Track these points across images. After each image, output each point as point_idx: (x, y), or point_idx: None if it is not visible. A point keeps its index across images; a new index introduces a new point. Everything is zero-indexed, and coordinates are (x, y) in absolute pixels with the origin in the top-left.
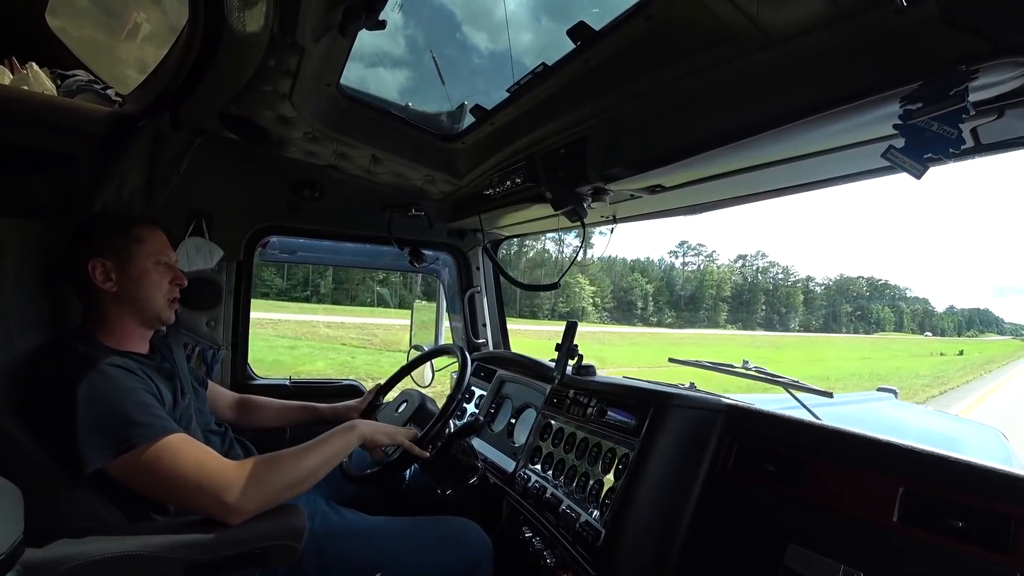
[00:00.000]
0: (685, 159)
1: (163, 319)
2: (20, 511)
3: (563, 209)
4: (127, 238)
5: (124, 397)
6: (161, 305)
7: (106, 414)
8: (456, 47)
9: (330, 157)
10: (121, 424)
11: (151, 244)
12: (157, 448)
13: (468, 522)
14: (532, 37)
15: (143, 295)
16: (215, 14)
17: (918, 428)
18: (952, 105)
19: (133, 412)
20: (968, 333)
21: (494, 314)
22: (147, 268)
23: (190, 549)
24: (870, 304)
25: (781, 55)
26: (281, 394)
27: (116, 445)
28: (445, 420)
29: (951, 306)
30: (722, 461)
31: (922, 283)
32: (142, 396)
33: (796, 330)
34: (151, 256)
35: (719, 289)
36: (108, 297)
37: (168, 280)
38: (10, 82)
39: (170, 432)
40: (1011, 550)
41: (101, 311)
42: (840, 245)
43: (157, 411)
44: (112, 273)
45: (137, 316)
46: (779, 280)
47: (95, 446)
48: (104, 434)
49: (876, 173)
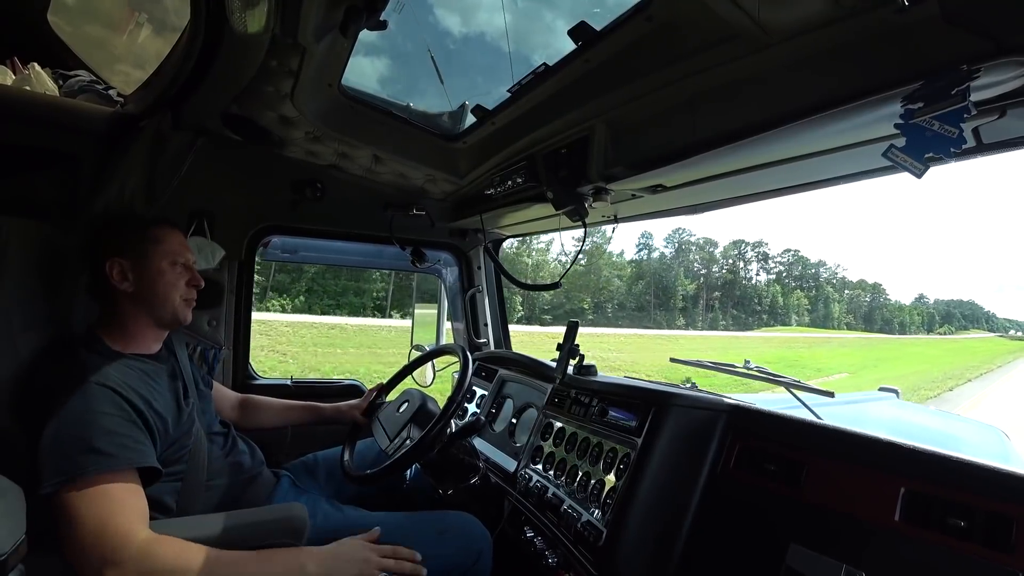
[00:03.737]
0: (686, 159)
1: (179, 319)
2: (23, 511)
3: (564, 209)
4: (145, 238)
5: (91, 421)
6: (177, 305)
7: (69, 436)
8: (457, 47)
9: (331, 157)
10: (78, 450)
11: (168, 245)
12: (96, 480)
13: (468, 516)
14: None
15: (159, 295)
16: (217, 14)
17: (920, 428)
18: (953, 104)
19: (95, 439)
20: (940, 329)
21: (495, 314)
22: (164, 268)
23: None
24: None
25: (782, 55)
26: (283, 394)
27: (68, 470)
28: (446, 420)
29: (920, 295)
30: (723, 461)
31: (896, 272)
32: (110, 423)
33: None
34: (168, 256)
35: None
36: (125, 297)
37: (185, 281)
38: (12, 82)
39: (125, 465)
40: (1013, 550)
41: (117, 311)
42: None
43: (121, 440)
44: (129, 273)
45: (153, 316)
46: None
47: (48, 467)
48: (59, 456)
49: (877, 173)
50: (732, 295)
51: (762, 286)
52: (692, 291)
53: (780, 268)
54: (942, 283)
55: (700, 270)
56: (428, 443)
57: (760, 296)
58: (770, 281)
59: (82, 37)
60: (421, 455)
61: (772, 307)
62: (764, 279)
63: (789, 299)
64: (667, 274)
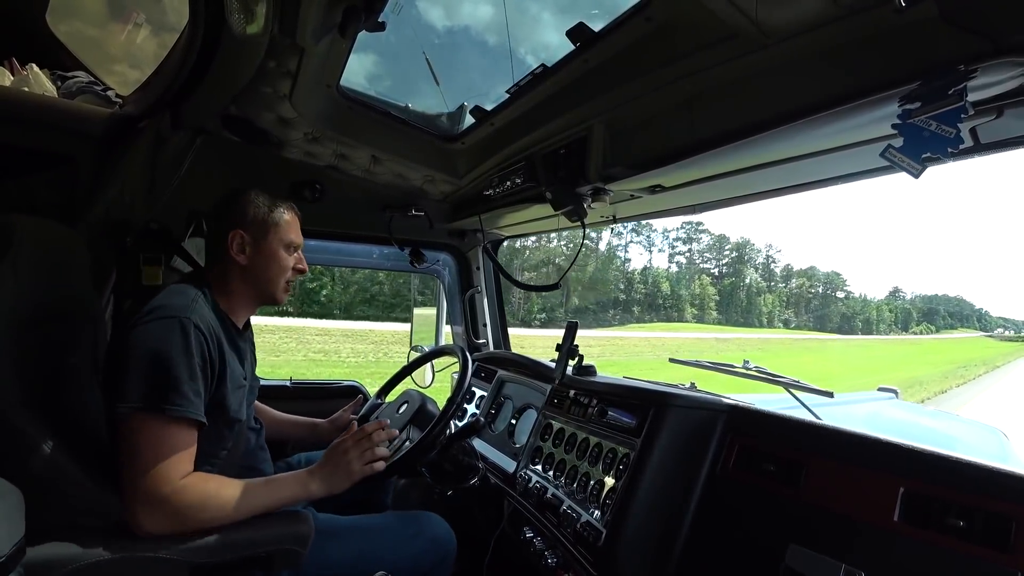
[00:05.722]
0: (685, 159)
1: (277, 299)
2: (22, 513)
3: (563, 209)
4: (269, 218)
5: (187, 363)
6: (280, 287)
7: (164, 368)
8: (456, 48)
9: (330, 158)
10: (171, 387)
11: (288, 229)
12: (167, 420)
13: (436, 517)
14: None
15: (269, 274)
16: (215, 15)
17: (919, 428)
18: (951, 104)
19: (184, 383)
20: (916, 328)
21: (494, 314)
22: (278, 250)
23: (194, 552)
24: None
25: (780, 55)
26: (282, 395)
27: (154, 402)
28: (446, 421)
29: (895, 289)
30: (723, 461)
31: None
32: (198, 370)
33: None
34: (285, 240)
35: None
36: (237, 268)
37: (292, 265)
38: (10, 83)
39: (195, 416)
40: (1012, 550)
41: (226, 278)
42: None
43: (198, 388)
44: (247, 247)
45: (257, 291)
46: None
47: (136, 392)
48: (151, 386)
49: (875, 173)
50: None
51: (657, 273)
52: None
53: (680, 248)
54: (925, 278)
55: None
56: (428, 444)
57: (631, 283)
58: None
59: (80, 38)
60: (421, 456)
61: (653, 297)
62: (661, 265)
63: (693, 288)
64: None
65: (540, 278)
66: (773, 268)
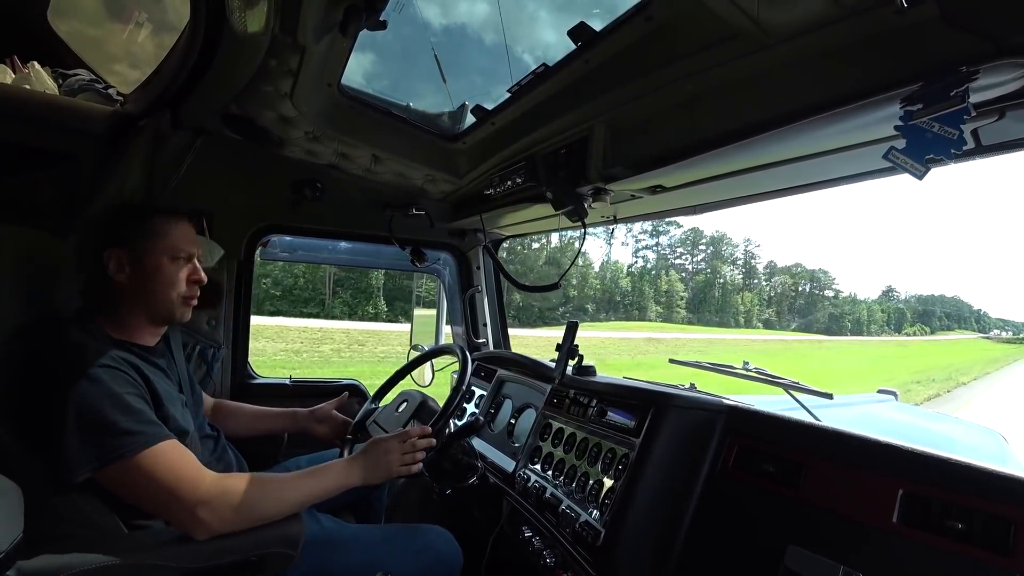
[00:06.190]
0: (686, 159)
1: (175, 317)
2: (20, 510)
3: (564, 209)
4: (145, 230)
5: (114, 403)
6: (173, 303)
7: (96, 422)
8: (457, 48)
9: (331, 157)
10: (110, 433)
11: (170, 238)
12: (143, 457)
13: (443, 531)
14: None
15: (155, 291)
16: (216, 14)
17: (918, 430)
18: (953, 106)
19: (123, 420)
20: (910, 329)
21: (495, 314)
22: (162, 263)
23: (186, 557)
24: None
25: (782, 55)
26: (281, 393)
27: (103, 456)
28: (445, 420)
29: (888, 288)
30: (722, 462)
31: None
32: (132, 401)
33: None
34: (168, 251)
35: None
36: (119, 289)
37: (185, 276)
38: (12, 81)
39: (160, 440)
40: (1011, 552)
41: (111, 302)
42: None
43: (147, 416)
44: (126, 265)
45: (147, 312)
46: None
47: (82, 455)
48: (92, 444)
49: (877, 174)
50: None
51: (617, 267)
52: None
53: (646, 243)
54: (921, 278)
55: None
56: (447, 441)
57: (585, 278)
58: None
59: (82, 36)
60: (444, 453)
61: (625, 296)
62: (622, 260)
63: (659, 284)
64: None
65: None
66: (754, 264)
